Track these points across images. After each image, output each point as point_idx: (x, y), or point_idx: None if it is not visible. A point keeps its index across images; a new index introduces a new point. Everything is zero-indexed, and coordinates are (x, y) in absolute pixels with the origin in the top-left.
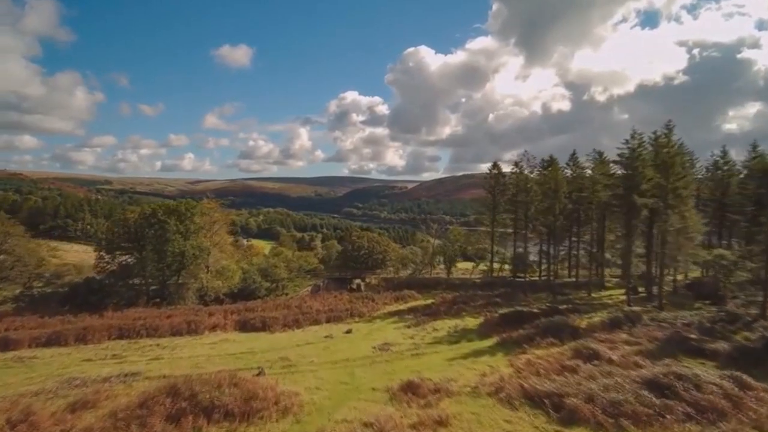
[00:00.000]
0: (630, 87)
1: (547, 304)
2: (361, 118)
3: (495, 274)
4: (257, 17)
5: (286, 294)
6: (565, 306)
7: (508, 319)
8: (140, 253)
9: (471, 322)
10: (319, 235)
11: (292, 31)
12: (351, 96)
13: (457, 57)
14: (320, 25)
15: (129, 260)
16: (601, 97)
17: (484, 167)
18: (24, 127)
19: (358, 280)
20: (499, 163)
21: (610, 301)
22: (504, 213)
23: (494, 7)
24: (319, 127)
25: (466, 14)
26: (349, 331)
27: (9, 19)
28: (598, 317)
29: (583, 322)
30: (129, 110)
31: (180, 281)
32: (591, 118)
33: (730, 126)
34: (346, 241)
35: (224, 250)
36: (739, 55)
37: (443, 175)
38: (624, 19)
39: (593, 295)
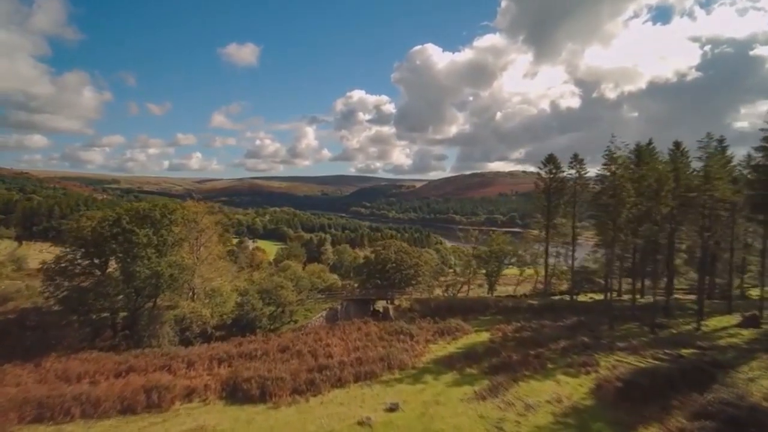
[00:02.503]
0: (641, 84)
1: (665, 351)
2: (367, 116)
3: (540, 290)
4: (264, 15)
5: (295, 322)
6: (690, 350)
7: (640, 388)
8: (102, 273)
9: (574, 386)
10: (328, 237)
11: (299, 29)
12: (357, 95)
13: (465, 55)
14: (327, 23)
15: (85, 283)
16: (611, 94)
17: (492, 166)
18: (33, 126)
19: (384, 303)
20: (555, 156)
21: (740, 342)
22: (563, 217)
23: (503, 4)
24: (325, 126)
25: (474, 12)
26: (393, 408)
27: (17, 18)
28: None
29: (761, 397)
30: (137, 109)
31: (155, 311)
32: (600, 115)
33: (742, 124)
34: (358, 246)
35: (215, 266)
36: (751, 52)
37: (450, 174)
38: (635, 15)
39: (703, 328)
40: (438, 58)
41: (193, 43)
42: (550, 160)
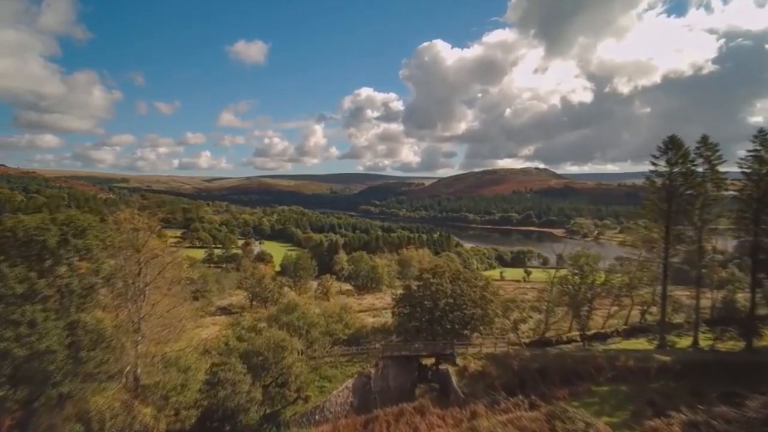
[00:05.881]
0: (656, 78)
1: None
2: (375, 114)
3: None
4: (272, 13)
5: (305, 400)
6: None
7: None
8: None
9: None
10: (340, 238)
11: (306, 26)
12: (365, 92)
13: (474, 51)
14: (335, 20)
15: None
16: (624, 89)
17: (501, 163)
18: (44, 126)
19: (441, 364)
20: (679, 139)
21: None
22: (684, 225)
23: None
24: (333, 124)
25: (483, 7)
26: None
27: (26, 17)
28: None
29: None
30: (146, 108)
31: (44, 419)
32: (612, 111)
33: (757, 119)
34: (374, 252)
35: (172, 320)
36: (767, 45)
37: (459, 172)
38: (650, 7)
39: None
40: (446, 54)
41: (201, 41)
42: (673, 145)
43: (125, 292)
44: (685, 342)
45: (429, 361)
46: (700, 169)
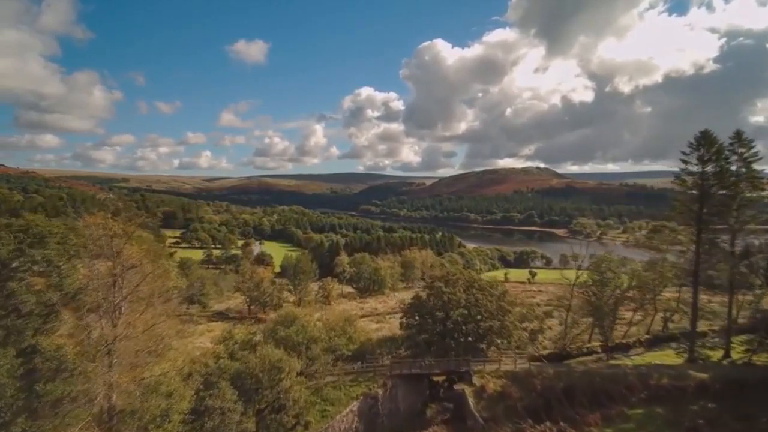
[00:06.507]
0: (657, 77)
1: None
2: (375, 114)
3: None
4: (272, 13)
5: (305, 427)
6: None
7: None
8: None
9: None
10: (341, 239)
11: (307, 26)
12: (366, 92)
13: (474, 50)
14: (335, 20)
15: None
16: (625, 88)
17: (502, 163)
18: (44, 126)
19: (457, 384)
20: (713, 134)
21: None
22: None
23: None
24: (333, 124)
25: (483, 7)
26: None
27: (27, 17)
28: None
29: None
30: (146, 108)
31: None
32: (612, 111)
33: (758, 118)
34: (376, 254)
35: (151, 340)
36: None
37: (460, 171)
38: (651, 6)
39: None
40: (447, 53)
41: (201, 41)
42: (705, 141)
43: (96, 309)
44: (716, 354)
45: (440, 377)
46: (733, 167)
